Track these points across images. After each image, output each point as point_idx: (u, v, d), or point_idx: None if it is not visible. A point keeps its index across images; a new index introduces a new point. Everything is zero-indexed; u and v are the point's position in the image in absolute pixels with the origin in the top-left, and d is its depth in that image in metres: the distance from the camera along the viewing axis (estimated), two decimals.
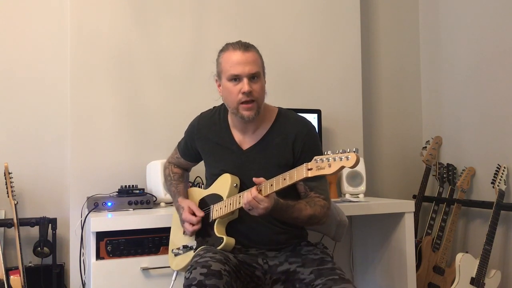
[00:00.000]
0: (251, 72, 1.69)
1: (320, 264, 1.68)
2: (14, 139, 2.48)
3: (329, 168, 1.41)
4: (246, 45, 1.73)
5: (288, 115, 1.85)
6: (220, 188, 1.81)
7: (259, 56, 1.75)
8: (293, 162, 1.76)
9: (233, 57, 1.71)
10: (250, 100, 1.71)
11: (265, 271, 1.73)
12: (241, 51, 1.70)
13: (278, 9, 2.86)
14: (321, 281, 1.59)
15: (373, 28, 3.26)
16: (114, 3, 2.56)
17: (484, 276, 2.58)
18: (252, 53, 1.72)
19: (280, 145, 1.78)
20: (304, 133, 1.79)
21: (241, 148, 1.82)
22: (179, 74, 2.66)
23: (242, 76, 1.69)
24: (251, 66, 1.69)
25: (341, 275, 1.61)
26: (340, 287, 1.54)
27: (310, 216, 1.71)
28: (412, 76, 3.36)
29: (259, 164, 1.78)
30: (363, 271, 2.81)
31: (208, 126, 1.91)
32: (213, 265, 1.52)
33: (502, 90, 2.76)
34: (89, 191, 2.39)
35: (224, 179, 1.80)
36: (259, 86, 1.72)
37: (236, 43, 1.75)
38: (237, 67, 1.69)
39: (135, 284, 2.00)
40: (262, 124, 1.81)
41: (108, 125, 2.53)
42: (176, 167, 2.07)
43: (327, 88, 2.93)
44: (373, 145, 3.21)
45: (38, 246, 2.32)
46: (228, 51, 1.73)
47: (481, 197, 2.86)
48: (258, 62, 1.74)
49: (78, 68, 2.50)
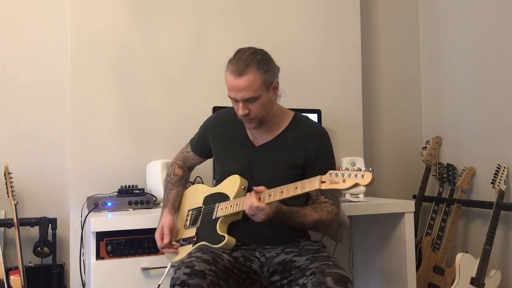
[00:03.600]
0: (244, 98, 1.70)
1: (316, 253, 1.71)
2: (14, 139, 2.48)
3: (343, 184, 1.45)
4: (242, 68, 1.67)
5: (303, 120, 1.89)
6: (228, 187, 1.82)
7: (257, 76, 1.68)
8: (304, 163, 1.79)
9: (228, 81, 1.71)
10: (248, 119, 1.76)
11: (262, 263, 1.74)
12: (235, 76, 1.68)
13: (278, 9, 2.86)
14: (315, 265, 1.61)
15: (373, 28, 3.26)
16: (114, 4, 2.56)
17: (484, 276, 2.58)
18: (246, 77, 1.66)
19: (293, 145, 1.81)
20: (318, 137, 1.82)
21: (254, 145, 1.86)
22: (179, 75, 2.66)
23: (237, 100, 1.72)
24: (244, 92, 1.68)
25: (336, 262, 1.63)
26: (333, 271, 1.55)
27: (316, 222, 1.73)
28: (412, 76, 3.36)
29: (269, 161, 1.81)
30: (363, 271, 2.81)
31: (224, 123, 1.94)
32: (197, 265, 1.54)
33: (502, 90, 2.76)
34: (89, 191, 2.39)
35: (233, 180, 1.82)
36: (256, 106, 1.72)
37: (233, 64, 1.69)
38: (231, 92, 1.72)
39: (135, 284, 2.00)
40: (277, 125, 1.85)
41: (108, 125, 2.52)
42: (179, 167, 2.07)
43: (327, 88, 2.93)
44: (373, 145, 3.21)
45: (38, 246, 2.31)
46: (228, 71, 1.72)
47: (481, 197, 2.86)
48: (254, 85, 1.68)
49: (78, 68, 2.49)
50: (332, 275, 1.53)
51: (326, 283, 1.51)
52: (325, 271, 1.55)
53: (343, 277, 1.54)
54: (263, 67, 1.70)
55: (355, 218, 2.77)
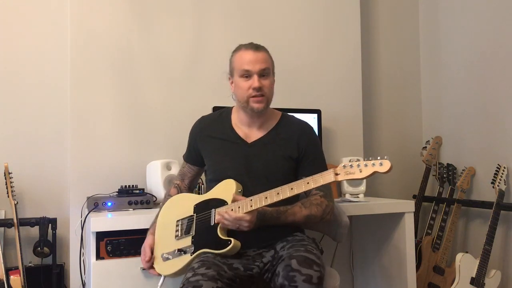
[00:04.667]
0: (261, 68, 1.82)
1: (299, 241, 1.74)
2: (14, 139, 2.48)
3: (360, 173, 1.50)
4: (257, 46, 1.87)
5: (292, 118, 2.00)
6: (223, 192, 1.81)
7: (269, 56, 1.88)
8: (297, 156, 1.88)
9: (244, 55, 1.84)
10: (260, 95, 1.82)
11: (261, 269, 1.75)
12: (253, 50, 1.84)
13: (278, 9, 2.86)
14: (288, 251, 1.65)
15: (373, 28, 3.26)
16: (114, 4, 2.56)
17: (484, 276, 2.58)
18: (262, 52, 1.85)
19: (286, 139, 1.90)
20: (308, 132, 1.95)
21: (246, 142, 1.89)
22: (179, 74, 2.66)
23: (253, 73, 1.82)
24: (261, 63, 1.82)
25: (309, 249, 1.65)
26: (300, 254, 1.60)
27: (307, 217, 1.79)
28: (412, 76, 3.36)
29: (264, 156, 1.86)
30: (363, 271, 2.81)
31: (210, 125, 1.98)
32: (204, 285, 1.54)
33: (502, 90, 2.76)
34: (89, 191, 2.39)
35: (228, 184, 1.82)
36: (268, 82, 1.85)
37: (248, 44, 1.88)
38: (248, 64, 1.82)
39: (135, 284, 2.00)
40: (267, 123, 1.93)
41: (108, 125, 2.53)
42: (175, 187, 2.05)
43: (327, 88, 2.93)
44: (373, 145, 3.21)
45: (38, 246, 2.31)
46: (240, 50, 1.87)
47: (481, 197, 2.86)
48: (268, 61, 1.87)
49: (78, 68, 2.50)
50: (297, 258, 1.58)
51: (291, 265, 1.56)
52: (292, 255, 1.61)
53: (307, 259, 1.57)
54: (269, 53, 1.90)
55: (355, 218, 2.77)
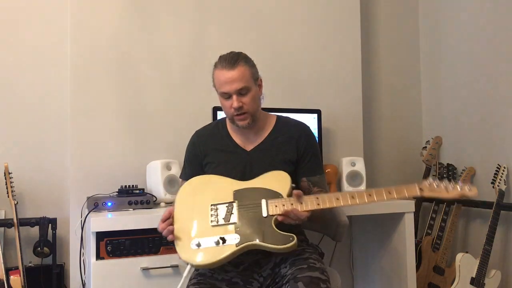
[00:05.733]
0: (238, 88, 1.74)
1: (299, 255, 1.72)
2: (14, 140, 2.48)
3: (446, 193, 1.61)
4: (232, 62, 1.74)
5: (287, 120, 1.96)
6: (274, 183, 1.72)
7: (247, 68, 1.76)
8: (296, 159, 1.85)
9: (220, 76, 1.76)
10: (242, 113, 1.77)
11: (261, 284, 1.75)
12: (227, 69, 1.74)
13: (278, 9, 2.86)
14: (291, 271, 1.64)
15: (373, 28, 3.26)
16: (115, 4, 2.56)
17: (484, 276, 2.58)
18: (237, 69, 1.74)
19: (284, 143, 1.86)
20: (306, 133, 1.90)
21: (245, 150, 1.87)
22: (179, 75, 2.66)
23: (231, 93, 1.75)
24: (238, 82, 1.73)
25: (311, 263, 1.65)
26: (304, 275, 1.59)
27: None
28: (412, 76, 3.36)
29: (265, 162, 1.82)
30: (363, 271, 2.81)
31: (208, 137, 1.93)
32: None
33: (502, 90, 2.76)
34: (89, 191, 2.39)
35: (280, 176, 1.75)
36: (249, 98, 1.77)
37: (224, 59, 1.77)
38: (225, 86, 1.75)
39: (135, 284, 2.00)
40: (263, 128, 1.89)
41: (108, 125, 2.53)
42: None
43: (327, 88, 2.93)
44: (373, 145, 3.21)
45: (38, 246, 2.31)
46: (217, 69, 1.78)
47: (481, 197, 2.86)
48: (246, 75, 1.75)
49: (78, 69, 2.50)
50: (303, 280, 1.57)
51: None
52: (297, 276, 1.59)
53: (313, 279, 1.58)
54: (249, 61, 1.80)
55: (355, 218, 2.77)
